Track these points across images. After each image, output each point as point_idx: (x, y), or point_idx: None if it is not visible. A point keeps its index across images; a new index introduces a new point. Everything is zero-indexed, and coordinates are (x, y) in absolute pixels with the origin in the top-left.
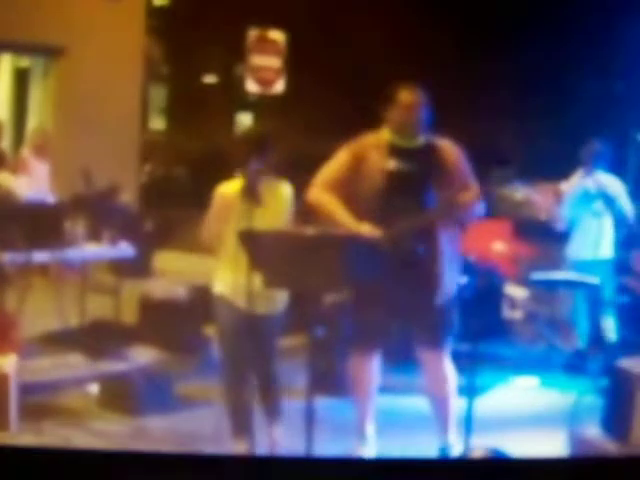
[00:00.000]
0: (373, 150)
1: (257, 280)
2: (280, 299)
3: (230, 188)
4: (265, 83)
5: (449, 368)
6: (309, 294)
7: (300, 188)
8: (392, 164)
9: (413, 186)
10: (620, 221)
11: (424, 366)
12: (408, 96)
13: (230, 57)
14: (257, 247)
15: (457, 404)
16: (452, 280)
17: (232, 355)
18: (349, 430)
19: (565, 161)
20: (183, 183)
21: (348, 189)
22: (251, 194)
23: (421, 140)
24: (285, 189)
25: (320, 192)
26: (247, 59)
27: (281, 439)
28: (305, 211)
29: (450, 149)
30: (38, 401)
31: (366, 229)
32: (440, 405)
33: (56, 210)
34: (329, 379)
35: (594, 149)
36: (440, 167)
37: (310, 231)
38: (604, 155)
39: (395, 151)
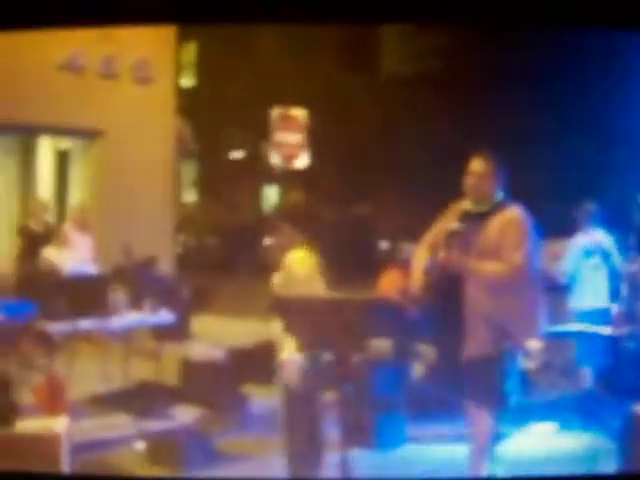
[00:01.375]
0: (450, 215)
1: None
2: None
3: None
4: (288, 158)
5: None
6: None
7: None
8: (454, 225)
9: (462, 247)
10: (614, 273)
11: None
12: (472, 165)
13: (254, 134)
14: (287, 313)
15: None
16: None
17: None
18: None
19: (559, 221)
20: (215, 252)
21: None
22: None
23: (491, 205)
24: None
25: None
26: (270, 136)
27: None
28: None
29: (512, 216)
30: (89, 459)
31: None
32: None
33: (99, 281)
34: (361, 432)
35: (589, 209)
36: (494, 231)
37: (336, 295)
38: (598, 214)
39: (464, 215)
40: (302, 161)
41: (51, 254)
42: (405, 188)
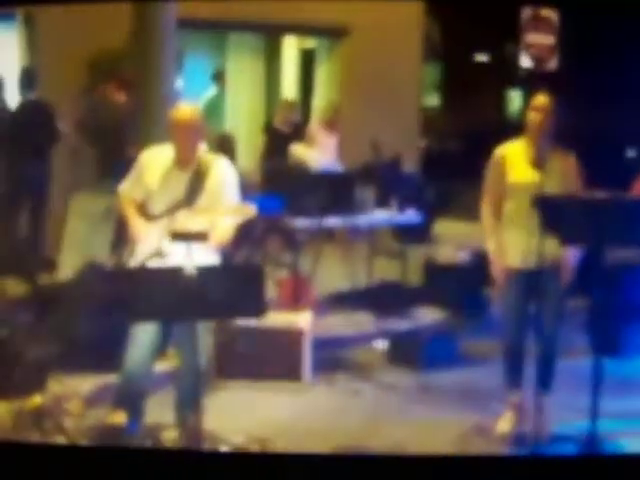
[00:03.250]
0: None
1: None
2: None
3: (507, 150)
4: (539, 60)
5: None
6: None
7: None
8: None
9: None
10: None
11: None
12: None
13: (502, 36)
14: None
15: None
16: None
17: (515, 316)
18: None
19: None
20: (458, 156)
21: None
22: (542, 160)
23: None
24: (571, 158)
25: None
26: (522, 36)
27: (548, 410)
28: None
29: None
30: (330, 355)
31: None
32: None
33: (347, 179)
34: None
35: None
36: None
37: (601, 194)
38: None
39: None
40: (553, 64)
41: (300, 151)
42: None
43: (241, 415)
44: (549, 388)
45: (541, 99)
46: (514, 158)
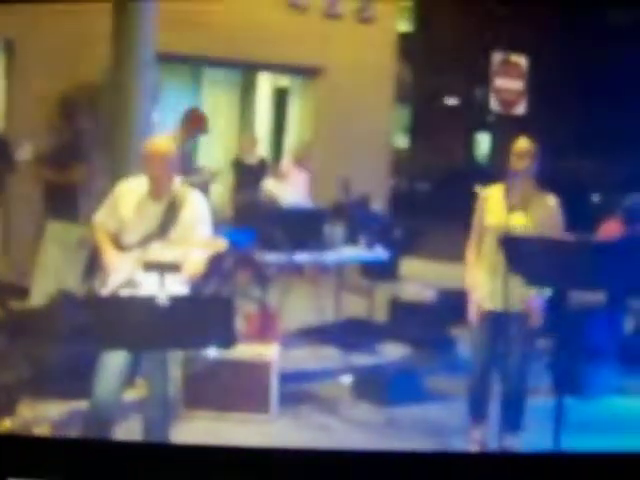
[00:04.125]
0: None
1: (513, 282)
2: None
3: (490, 191)
4: (508, 104)
5: None
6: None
7: None
8: None
9: None
10: None
11: None
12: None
13: (470, 80)
14: (514, 250)
15: None
16: None
17: (482, 355)
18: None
19: None
20: (426, 197)
21: None
22: (518, 202)
23: None
24: (551, 200)
25: None
26: (491, 81)
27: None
28: None
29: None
30: (296, 389)
31: None
32: None
33: (317, 215)
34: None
35: None
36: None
37: (570, 237)
38: None
39: None
40: (521, 108)
41: (272, 186)
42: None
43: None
44: (517, 428)
45: (522, 143)
46: (493, 200)
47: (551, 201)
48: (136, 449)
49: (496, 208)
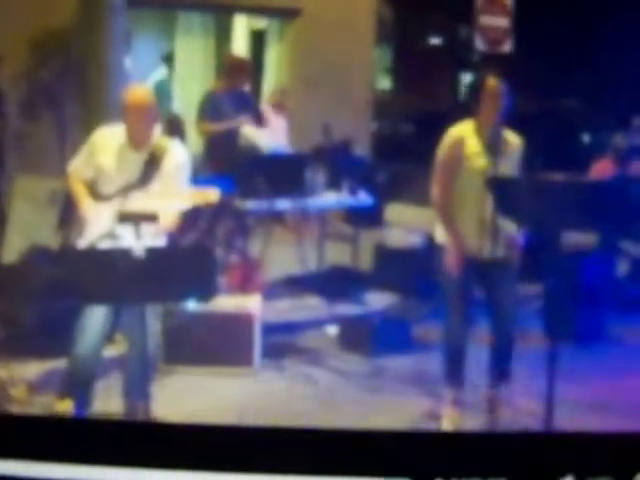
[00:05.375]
0: None
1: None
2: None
3: (462, 131)
4: (493, 42)
5: None
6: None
7: None
8: None
9: None
10: None
11: None
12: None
13: (456, 19)
14: (504, 192)
15: None
16: None
17: (460, 302)
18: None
19: None
20: (410, 140)
21: None
22: (493, 142)
23: None
24: (517, 139)
25: None
26: (476, 19)
27: (508, 398)
28: None
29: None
30: (280, 340)
31: None
32: None
33: (297, 161)
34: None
35: None
36: None
37: (558, 177)
38: None
39: None
40: (507, 46)
41: (249, 132)
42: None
43: (190, 401)
44: (508, 377)
45: (492, 82)
46: (469, 140)
47: (517, 140)
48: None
49: (473, 148)
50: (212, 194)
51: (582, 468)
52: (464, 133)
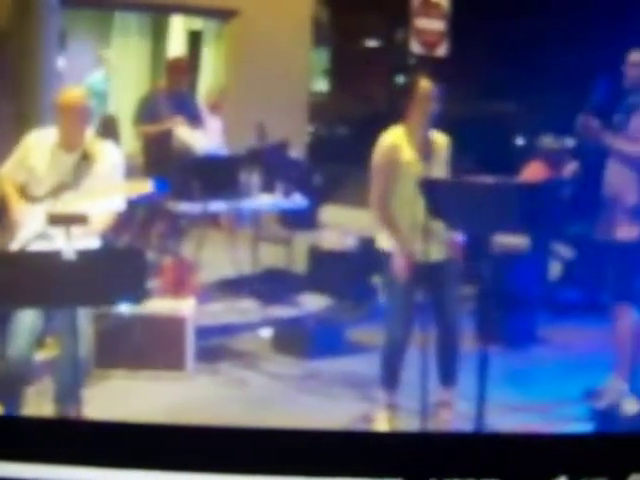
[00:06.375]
0: None
1: (435, 227)
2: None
3: (395, 137)
4: (428, 45)
5: None
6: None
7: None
8: None
9: None
10: None
11: None
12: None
13: (392, 22)
14: (436, 195)
15: None
16: None
17: (404, 305)
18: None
19: None
20: (345, 142)
21: None
22: (424, 146)
23: None
24: (445, 140)
25: None
26: (412, 22)
27: (454, 401)
28: None
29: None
30: (213, 344)
31: None
32: None
33: (232, 162)
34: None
35: None
36: None
37: (488, 179)
38: None
39: None
40: (442, 49)
41: (184, 133)
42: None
43: (122, 406)
44: (454, 380)
45: (422, 86)
46: (402, 146)
47: (444, 139)
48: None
49: (407, 152)
50: (145, 185)
51: (575, 469)
52: (397, 139)
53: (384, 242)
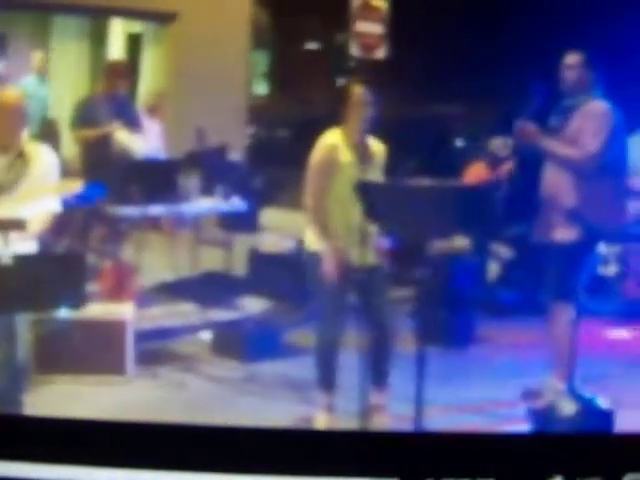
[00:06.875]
0: None
1: (371, 230)
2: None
3: (334, 139)
4: (368, 48)
5: None
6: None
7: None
8: None
9: None
10: None
11: None
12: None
13: (332, 25)
14: (373, 198)
15: None
16: None
17: (335, 308)
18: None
19: None
20: (285, 145)
21: None
22: (361, 150)
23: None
24: (382, 147)
25: None
26: (351, 25)
27: (388, 403)
28: None
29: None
30: (153, 347)
31: None
32: None
33: (171, 166)
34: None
35: None
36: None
37: (426, 182)
38: None
39: None
40: (381, 52)
41: (122, 137)
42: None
43: (63, 410)
44: (385, 384)
45: (357, 90)
46: (340, 149)
47: (381, 146)
48: None
49: (345, 158)
50: (76, 184)
51: (571, 469)
52: (334, 142)
53: (314, 244)
